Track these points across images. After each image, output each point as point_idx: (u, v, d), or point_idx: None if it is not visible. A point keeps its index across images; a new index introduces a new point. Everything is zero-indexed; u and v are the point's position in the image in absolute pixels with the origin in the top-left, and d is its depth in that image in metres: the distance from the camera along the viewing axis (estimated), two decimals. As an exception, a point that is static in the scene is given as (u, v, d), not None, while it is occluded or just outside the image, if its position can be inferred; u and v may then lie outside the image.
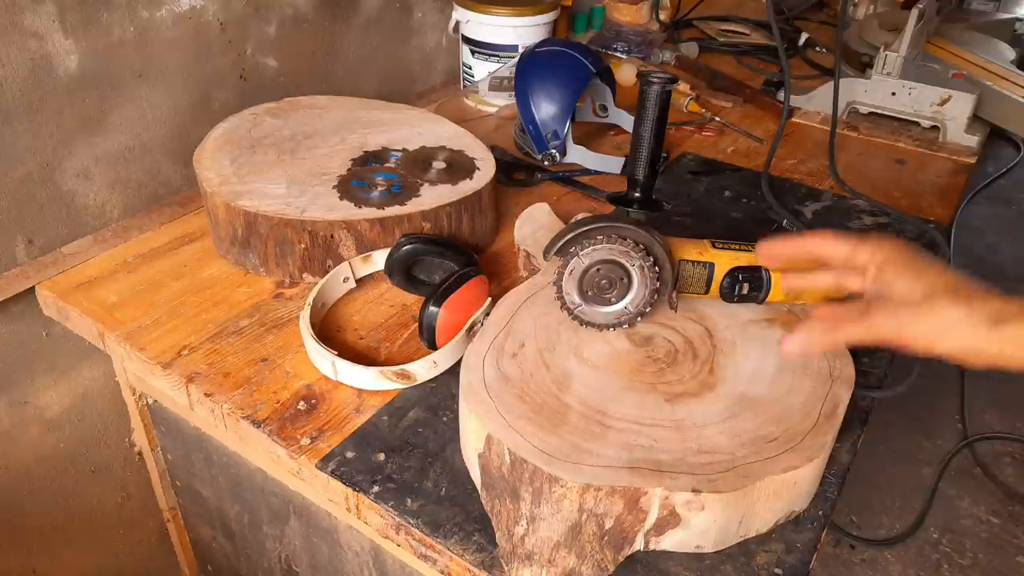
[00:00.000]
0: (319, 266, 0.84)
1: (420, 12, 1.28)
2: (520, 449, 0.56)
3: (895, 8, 1.73)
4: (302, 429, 0.68)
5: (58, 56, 0.81)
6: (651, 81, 0.72)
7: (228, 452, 0.85)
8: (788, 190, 1.10)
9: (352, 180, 0.87)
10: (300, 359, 0.75)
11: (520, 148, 1.15)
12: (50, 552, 0.99)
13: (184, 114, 0.96)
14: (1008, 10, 1.86)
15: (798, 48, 1.59)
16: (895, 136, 1.27)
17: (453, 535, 0.59)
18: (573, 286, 0.69)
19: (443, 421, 0.69)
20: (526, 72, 1.09)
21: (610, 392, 0.63)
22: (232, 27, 0.98)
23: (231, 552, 1.00)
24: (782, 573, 0.58)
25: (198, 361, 0.75)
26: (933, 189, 1.13)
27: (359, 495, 0.62)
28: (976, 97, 1.22)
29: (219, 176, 0.86)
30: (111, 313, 0.80)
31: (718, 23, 1.73)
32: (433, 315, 0.72)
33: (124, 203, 0.93)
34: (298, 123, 0.98)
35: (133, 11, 0.86)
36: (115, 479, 1.03)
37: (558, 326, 0.70)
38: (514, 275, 0.88)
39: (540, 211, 0.92)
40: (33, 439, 0.93)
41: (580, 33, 1.60)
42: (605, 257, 0.68)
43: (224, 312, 0.81)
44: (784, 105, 1.08)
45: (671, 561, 0.58)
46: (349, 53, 1.17)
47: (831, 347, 0.55)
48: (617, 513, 0.55)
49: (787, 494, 0.59)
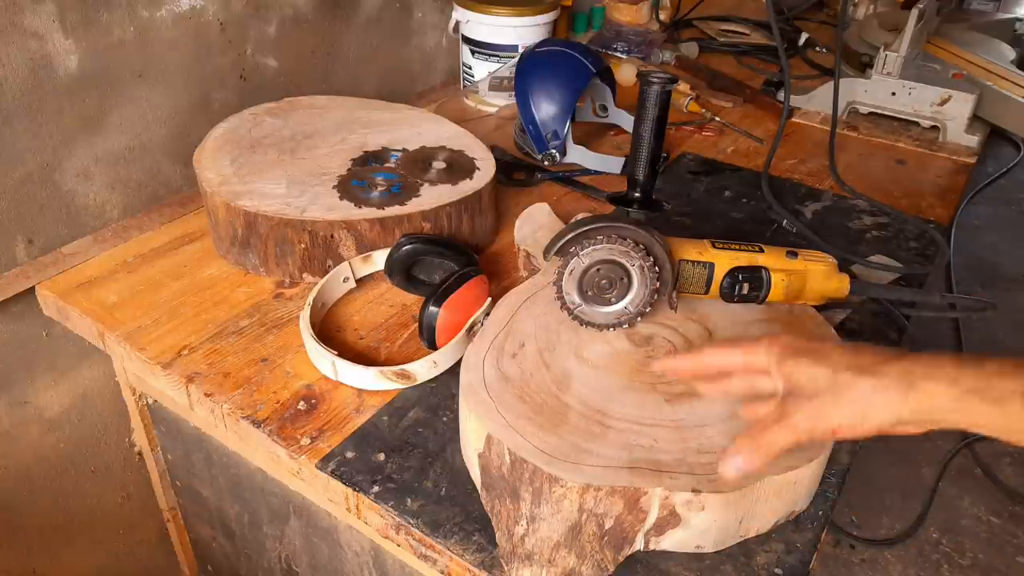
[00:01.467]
0: (319, 266, 0.84)
1: (420, 12, 1.28)
2: (520, 449, 0.56)
3: (895, 8, 1.73)
4: (302, 429, 0.68)
5: (58, 56, 0.81)
6: (651, 81, 0.72)
7: (228, 452, 0.85)
8: (788, 190, 1.10)
9: (352, 180, 0.87)
10: (300, 359, 0.75)
11: (520, 148, 1.15)
12: (50, 552, 0.99)
13: (184, 114, 0.96)
14: (1008, 10, 1.86)
15: (798, 48, 1.59)
16: (895, 136, 1.27)
17: (453, 535, 0.59)
18: (573, 286, 0.69)
19: (443, 421, 0.69)
20: (526, 72, 1.09)
21: (610, 392, 0.63)
22: (232, 27, 0.98)
23: (231, 552, 1.00)
24: (782, 573, 0.58)
25: (198, 361, 0.75)
26: (933, 189, 1.13)
27: (359, 495, 0.62)
28: (976, 97, 1.22)
29: (219, 176, 0.86)
30: (111, 313, 0.80)
31: (718, 23, 1.73)
32: (433, 315, 0.72)
33: (124, 203, 0.93)
34: (298, 123, 0.98)
35: (133, 11, 0.86)
36: (115, 479, 1.03)
37: (558, 326, 0.70)
38: (514, 275, 0.88)
39: (540, 211, 0.92)
40: (33, 439, 0.93)
41: (580, 33, 1.60)
42: (605, 257, 0.68)
43: (224, 312, 0.81)
44: (784, 105, 1.08)
45: (671, 561, 0.58)
46: (349, 53, 1.17)
47: (767, 462, 0.53)
48: (617, 513, 0.55)
49: (787, 494, 0.59)
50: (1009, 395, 0.46)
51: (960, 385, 0.47)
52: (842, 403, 0.50)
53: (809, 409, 0.51)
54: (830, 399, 0.51)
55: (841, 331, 0.74)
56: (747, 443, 0.53)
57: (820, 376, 0.51)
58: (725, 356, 0.57)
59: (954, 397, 0.47)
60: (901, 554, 1.62)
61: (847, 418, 0.50)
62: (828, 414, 0.51)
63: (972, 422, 0.48)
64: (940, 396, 0.48)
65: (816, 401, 0.51)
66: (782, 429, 0.52)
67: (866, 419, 0.50)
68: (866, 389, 0.49)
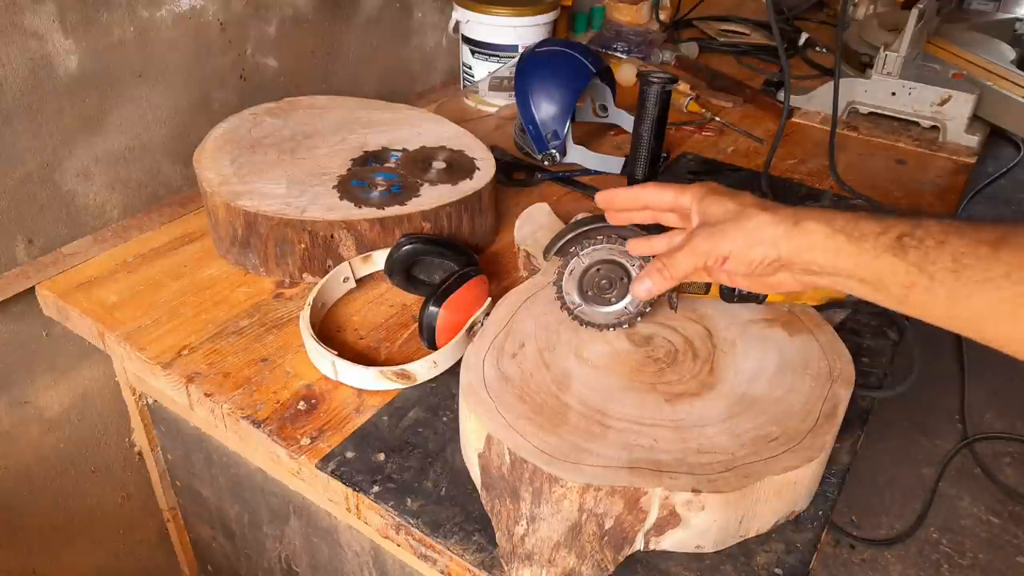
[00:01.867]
0: (319, 266, 0.84)
1: (420, 12, 1.28)
2: (520, 449, 0.56)
3: (895, 8, 1.73)
4: (302, 429, 0.68)
5: (58, 56, 0.81)
6: (651, 81, 0.72)
7: (228, 452, 0.85)
8: (788, 190, 1.10)
9: (352, 180, 0.87)
10: (300, 359, 0.75)
11: (520, 148, 1.15)
12: (50, 552, 0.99)
13: (184, 114, 0.96)
14: (1008, 10, 1.86)
15: (798, 48, 1.59)
16: (895, 136, 1.27)
17: (453, 535, 0.59)
18: (573, 286, 0.69)
19: (443, 421, 0.69)
20: (526, 72, 1.09)
21: (610, 392, 0.63)
22: (232, 27, 0.98)
23: (231, 552, 1.00)
24: (782, 573, 0.58)
25: (198, 361, 0.75)
26: (933, 189, 1.13)
27: (359, 495, 0.62)
28: (976, 97, 1.22)
29: (219, 176, 0.86)
30: (111, 313, 0.80)
31: (718, 23, 1.73)
32: (433, 315, 0.72)
33: (124, 203, 0.93)
34: (298, 123, 0.98)
35: (133, 11, 0.86)
36: (115, 479, 1.03)
37: (558, 326, 0.70)
38: (514, 275, 0.88)
39: (540, 211, 0.92)
40: (33, 439, 0.93)
41: (580, 33, 1.60)
42: (605, 257, 0.68)
43: (224, 312, 0.81)
44: (784, 105, 1.08)
45: (671, 561, 0.58)
46: (349, 53, 1.17)
47: (671, 282, 0.61)
48: (617, 513, 0.55)
49: (787, 494, 0.59)
50: (868, 234, 0.51)
51: (833, 225, 0.53)
52: (737, 231, 0.57)
53: (710, 234, 0.58)
54: (731, 226, 0.57)
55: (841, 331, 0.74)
56: (656, 265, 0.61)
57: (730, 208, 0.58)
58: (658, 194, 0.64)
59: (826, 235, 0.53)
60: (901, 554, 1.62)
61: (738, 246, 0.57)
62: (724, 239, 0.57)
63: (838, 264, 0.53)
64: (816, 233, 0.53)
65: (718, 227, 0.58)
66: (685, 252, 0.59)
67: (751, 248, 0.56)
68: (761, 221, 0.56)
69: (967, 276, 0.47)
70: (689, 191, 0.62)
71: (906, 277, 0.50)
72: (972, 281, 0.47)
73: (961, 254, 0.47)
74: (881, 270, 0.51)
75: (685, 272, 0.60)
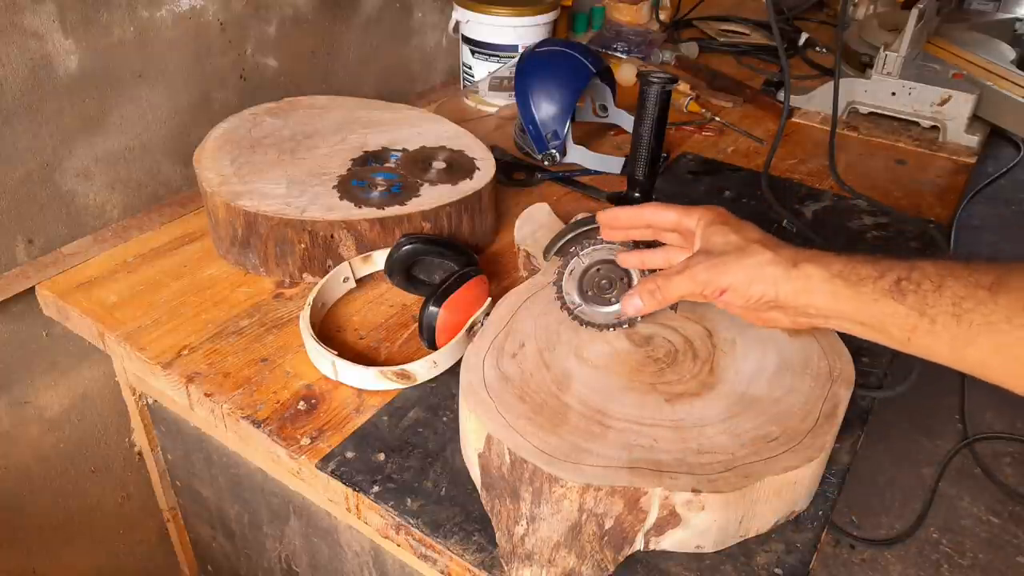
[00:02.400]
0: (319, 266, 0.84)
1: (420, 12, 1.28)
2: (520, 449, 0.56)
3: (895, 8, 1.73)
4: (302, 429, 0.68)
5: (58, 56, 0.81)
6: (651, 81, 0.72)
7: (228, 452, 0.85)
8: (788, 190, 1.10)
9: (352, 180, 0.87)
10: (300, 359, 0.75)
11: (520, 148, 1.15)
12: (50, 552, 0.99)
13: (184, 114, 0.96)
14: (1008, 10, 1.86)
15: (798, 48, 1.59)
16: (895, 136, 1.27)
17: (453, 535, 0.59)
18: (573, 286, 0.69)
19: (443, 421, 0.69)
20: (526, 72, 1.09)
21: (610, 392, 0.63)
22: (232, 27, 0.98)
23: (231, 552, 1.00)
24: (782, 573, 0.58)
25: (198, 361, 0.75)
26: (933, 189, 1.13)
27: (359, 495, 0.62)
28: (976, 97, 1.22)
29: (219, 176, 0.86)
30: (111, 313, 0.80)
31: (718, 23, 1.73)
32: (433, 315, 0.72)
33: (124, 203, 0.93)
34: (298, 123, 0.98)
35: (133, 11, 0.86)
36: (115, 479, 1.03)
37: (558, 326, 0.70)
38: (514, 275, 0.88)
39: (540, 211, 0.92)
40: (33, 439, 0.93)
41: (580, 33, 1.60)
42: (605, 257, 0.68)
43: (224, 312, 0.81)
44: (784, 105, 1.08)
45: (671, 561, 0.58)
46: (349, 53, 1.17)
47: (662, 304, 0.61)
48: (617, 513, 0.55)
49: (787, 494, 0.59)
50: (866, 278, 0.52)
51: (830, 269, 0.54)
52: (739, 266, 0.57)
53: (712, 264, 0.58)
54: (732, 259, 0.57)
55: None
56: (649, 287, 0.61)
57: (732, 241, 0.58)
58: (661, 214, 0.63)
59: (824, 279, 0.54)
60: (901, 554, 1.62)
61: (738, 280, 0.57)
62: (725, 272, 0.57)
63: (838, 308, 0.54)
64: (814, 277, 0.54)
65: (720, 259, 0.58)
66: (683, 278, 0.59)
67: (751, 285, 0.56)
68: (762, 259, 0.56)
69: (968, 320, 0.48)
70: (695, 213, 0.62)
71: (906, 320, 0.51)
72: (974, 325, 0.48)
73: (960, 298, 0.49)
74: (881, 314, 0.52)
75: (679, 296, 0.61)
